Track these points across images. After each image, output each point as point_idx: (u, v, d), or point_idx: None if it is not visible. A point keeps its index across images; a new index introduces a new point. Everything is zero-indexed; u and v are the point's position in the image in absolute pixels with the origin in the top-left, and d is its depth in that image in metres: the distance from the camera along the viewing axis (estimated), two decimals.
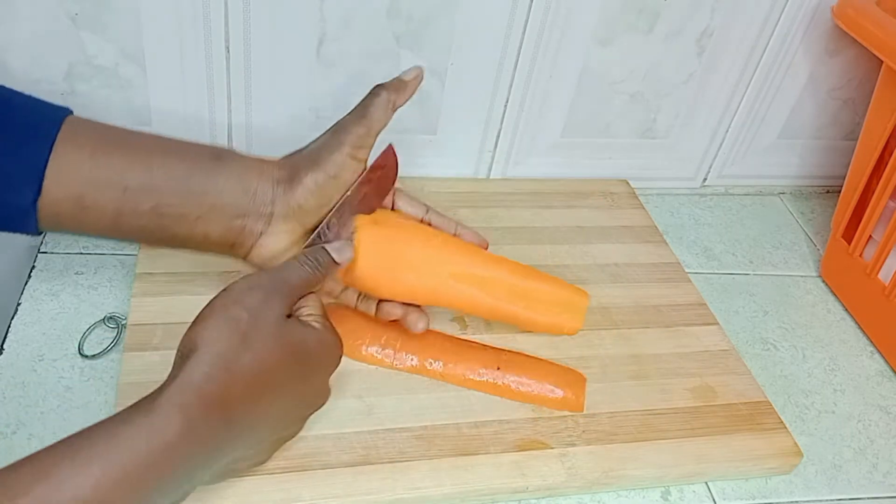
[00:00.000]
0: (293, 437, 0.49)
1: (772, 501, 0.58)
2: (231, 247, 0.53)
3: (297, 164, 0.53)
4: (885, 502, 0.59)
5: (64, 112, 0.49)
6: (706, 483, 0.58)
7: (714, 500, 0.57)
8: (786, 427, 0.60)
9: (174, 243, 0.52)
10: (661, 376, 0.62)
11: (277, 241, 0.52)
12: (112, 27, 0.64)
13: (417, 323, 0.56)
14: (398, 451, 0.53)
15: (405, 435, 0.54)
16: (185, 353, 0.42)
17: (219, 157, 0.51)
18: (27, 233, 0.50)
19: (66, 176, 0.47)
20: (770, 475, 0.59)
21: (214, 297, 0.45)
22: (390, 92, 0.54)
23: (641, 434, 0.57)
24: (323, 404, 0.49)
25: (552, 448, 0.55)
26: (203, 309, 0.44)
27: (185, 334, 0.43)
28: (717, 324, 0.68)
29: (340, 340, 0.48)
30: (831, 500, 0.59)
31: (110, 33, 0.64)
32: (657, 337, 0.65)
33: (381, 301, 0.57)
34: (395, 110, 0.54)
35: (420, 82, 0.55)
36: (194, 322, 0.44)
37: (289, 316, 0.46)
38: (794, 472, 0.60)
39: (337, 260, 0.49)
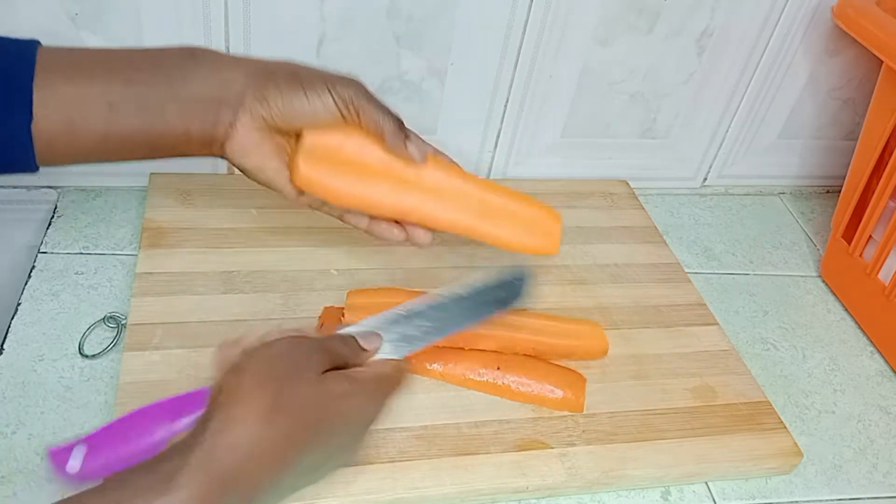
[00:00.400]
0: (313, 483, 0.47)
1: (772, 501, 0.58)
2: (210, 143, 0.52)
3: (277, 69, 0.53)
4: (885, 502, 0.59)
5: (34, 42, 0.50)
6: (706, 483, 0.58)
7: (714, 500, 0.57)
8: (786, 427, 0.60)
9: (162, 151, 0.52)
10: (661, 376, 0.62)
11: (248, 134, 0.52)
12: (112, 27, 0.64)
13: (423, 238, 0.56)
14: (398, 451, 0.53)
15: (405, 435, 0.54)
16: (215, 402, 0.41)
17: (193, 54, 0.52)
18: (26, 169, 0.50)
19: (51, 101, 0.48)
20: (770, 475, 0.59)
21: (255, 348, 0.44)
22: (402, 137, 0.54)
23: (641, 434, 0.57)
24: (350, 462, 0.47)
25: (552, 448, 0.55)
26: (241, 358, 0.43)
27: (220, 380, 0.42)
28: (717, 324, 0.68)
29: (385, 394, 0.47)
30: (831, 500, 0.59)
31: (110, 33, 0.64)
32: (657, 337, 0.65)
33: (370, 219, 0.57)
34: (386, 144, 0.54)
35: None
36: (231, 371, 0.43)
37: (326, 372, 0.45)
38: (794, 472, 0.60)
39: (364, 347, 0.48)
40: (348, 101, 0.52)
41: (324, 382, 0.44)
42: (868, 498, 0.59)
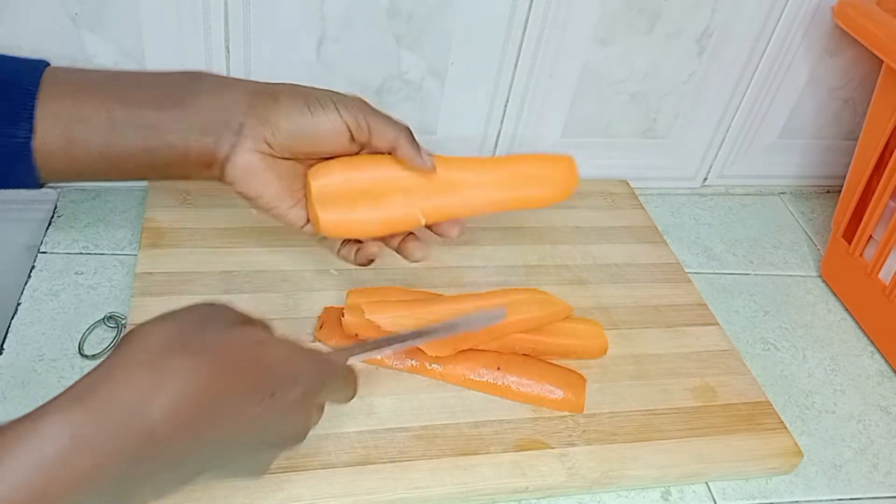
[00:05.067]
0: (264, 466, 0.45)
1: (772, 501, 0.58)
2: (209, 165, 0.52)
3: (282, 89, 0.52)
4: (885, 502, 0.59)
5: (43, 63, 0.51)
6: (706, 483, 0.58)
7: (714, 500, 0.57)
8: (786, 427, 0.60)
9: (161, 171, 0.52)
10: (661, 376, 0.62)
11: (249, 158, 0.52)
12: (112, 27, 0.64)
13: (415, 251, 0.56)
14: (398, 451, 0.53)
15: (405, 435, 0.54)
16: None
17: (197, 78, 0.53)
18: (27, 185, 0.51)
19: (53, 115, 0.49)
20: (770, 475, 0.59)
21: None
22: (414, 149, 0.53)
23: (641, 434, 0.57)
24: (299, 435, 0.45)
25: (552, 448, 0.55)
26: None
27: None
28: (717, 324, 0.68)
29: (328, 357, 0.47)
30: (831, 500, 0.59)
31: (110, 33, 0.64)
32: (657, 337, 0.65)
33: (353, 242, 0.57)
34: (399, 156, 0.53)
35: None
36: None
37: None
38: (794, 472, 0.60)
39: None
40: (357, 118, 0.52)
41: (237, 327, 0.42)
42: (868, 498, 0.59)
